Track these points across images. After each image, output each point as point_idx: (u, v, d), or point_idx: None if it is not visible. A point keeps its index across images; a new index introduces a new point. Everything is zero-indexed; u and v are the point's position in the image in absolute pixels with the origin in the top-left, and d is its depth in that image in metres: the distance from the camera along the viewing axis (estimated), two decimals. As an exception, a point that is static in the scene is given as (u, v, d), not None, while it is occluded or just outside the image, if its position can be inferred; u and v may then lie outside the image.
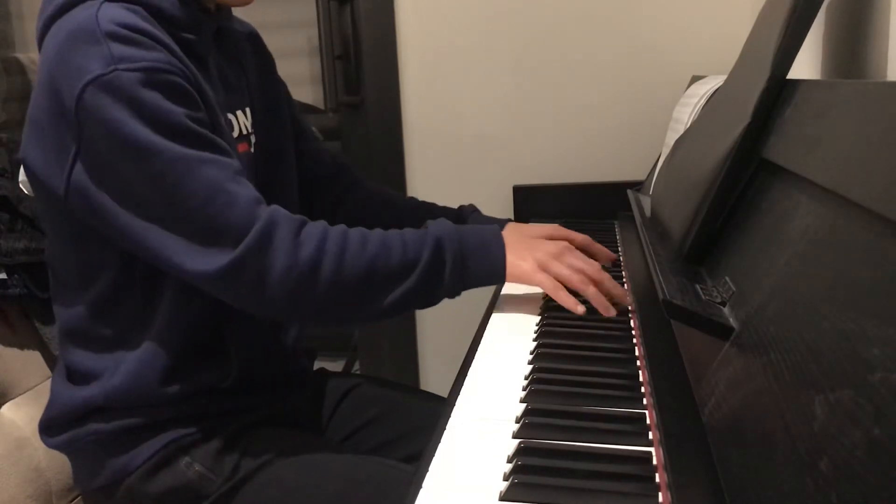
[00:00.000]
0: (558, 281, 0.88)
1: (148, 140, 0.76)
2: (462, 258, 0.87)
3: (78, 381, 0.90)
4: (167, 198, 0.78)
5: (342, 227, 0.85)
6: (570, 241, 1.03)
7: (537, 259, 0.89)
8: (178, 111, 0.78)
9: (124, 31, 0.78)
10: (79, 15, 0.79)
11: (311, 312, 0.85)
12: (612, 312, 0.87)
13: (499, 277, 0.89)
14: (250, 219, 0.79)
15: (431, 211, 1.14)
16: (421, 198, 1.18)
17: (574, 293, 0.88)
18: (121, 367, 0.87)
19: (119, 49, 0.77)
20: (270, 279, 0.79)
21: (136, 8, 0.81)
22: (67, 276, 0.90)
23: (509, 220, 1.09)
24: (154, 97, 0.77)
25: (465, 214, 1.12)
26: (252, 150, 0.96)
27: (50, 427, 0.92)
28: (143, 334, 0.87)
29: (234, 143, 0.90)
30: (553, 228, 1.05)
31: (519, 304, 0.97)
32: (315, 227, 0.83)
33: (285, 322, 0.97)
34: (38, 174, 0.83)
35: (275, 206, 0.82)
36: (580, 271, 0.89)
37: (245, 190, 0.80)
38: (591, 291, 0.87)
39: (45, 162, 0.81)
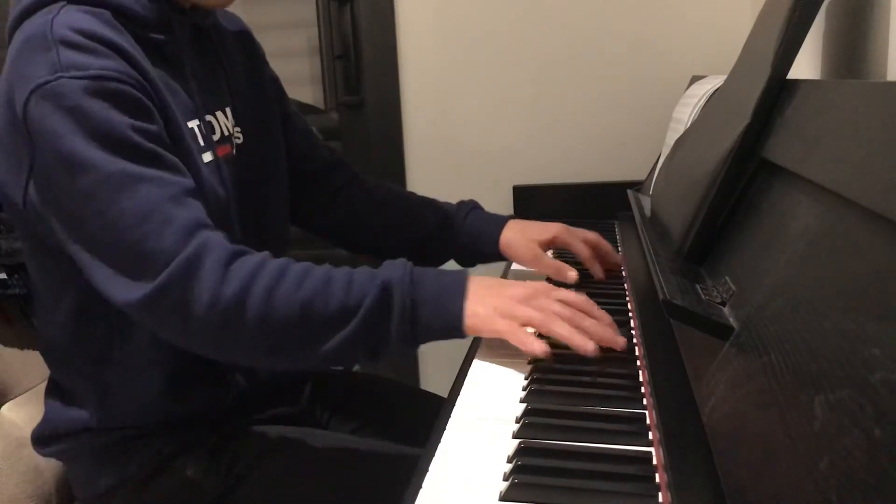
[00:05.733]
0: (521, 324, 0.76)
1: (84, 152, 0.72)
2: (413, 306, 0.76)
3: (69, 401, 0.89)
4: (97, 215, 0.73)
5: (284, 260, 0.77)
6: (583, 240, 1.04)
7: (497, 306, 0.76)
8: (122, 122, 0.73)
9: (77, 38, 0.74)
10: (37, 20, 0.76)
11: (239, 351, 0.77)
12: (589, 348, 0.74)
13: (457, 331, 0.77)
14: (180, 244, 0.73)
15: (430, 206, 1.12)
16: (421, 198, 1.17)
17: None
18: (111, 392, 0.86)
19: (68, 56, 0.73)
20: (194, 311, 0.72)
21: (101, 11, 0.78)
22: (41, 289, 0.88)
23: (511, 218, 1.08)
24: (98, 106, 0.73)
25: (465, 211, 1.10)
26: (234, 151, 0.93)
27: (42, 440, 0.92)
28: (126, 353, 0.85)
29: (207, 149, 0.86)
30: (559, 229, 1.05)
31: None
32: (249, 259, 0.76)
33: (221, 361, 0.87)
34: (2, 185, 0.81)
35: (211, 234, 0.75)
36: (549, 311, 0.76)
37: (185, 212, 0.75)
38: (556, 329, 0.75)
39: (7, 173, 0.79)
